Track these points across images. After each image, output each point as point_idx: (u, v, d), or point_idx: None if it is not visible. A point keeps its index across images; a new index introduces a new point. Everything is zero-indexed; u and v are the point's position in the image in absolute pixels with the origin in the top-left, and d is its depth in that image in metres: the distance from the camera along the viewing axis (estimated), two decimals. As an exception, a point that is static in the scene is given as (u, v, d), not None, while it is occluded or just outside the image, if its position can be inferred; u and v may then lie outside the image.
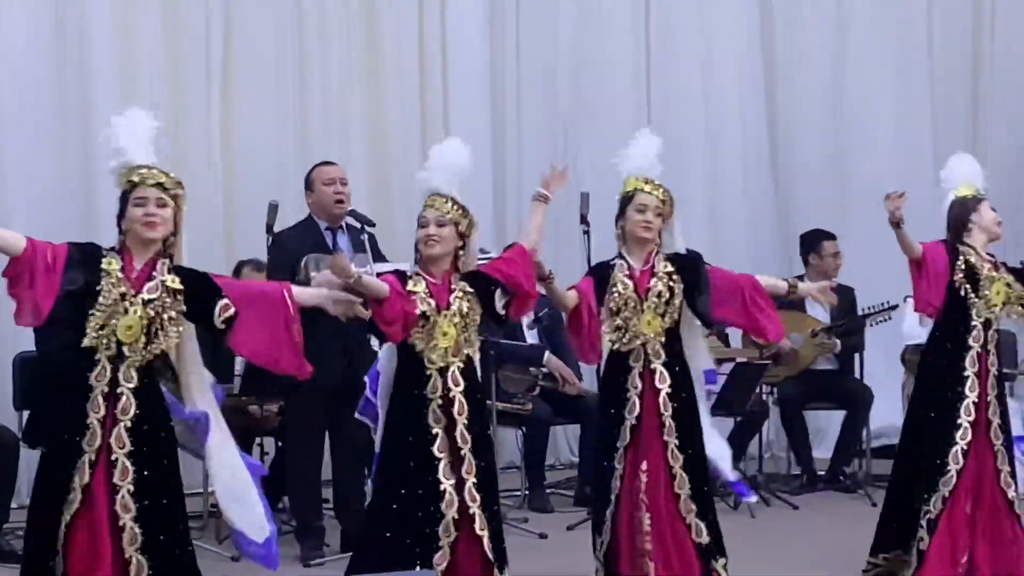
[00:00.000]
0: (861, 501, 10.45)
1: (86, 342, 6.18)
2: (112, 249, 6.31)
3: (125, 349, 6.17)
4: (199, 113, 11.00)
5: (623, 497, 7.40)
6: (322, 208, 8.96)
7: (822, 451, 11.68)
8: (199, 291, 6.27)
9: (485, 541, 6.68)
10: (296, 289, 6.60)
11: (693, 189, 12.04)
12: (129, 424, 6.19)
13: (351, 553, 7.19)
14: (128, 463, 6.16)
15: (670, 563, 7.26)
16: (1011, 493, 7.94)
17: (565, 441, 11.45)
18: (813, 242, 11.39)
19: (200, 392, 6.49)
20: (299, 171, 9.92)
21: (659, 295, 7.33)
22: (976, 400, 7.71)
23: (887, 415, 11.32)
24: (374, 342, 7.69)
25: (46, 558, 6.17)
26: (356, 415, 7.15)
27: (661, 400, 7.33)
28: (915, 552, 7.92)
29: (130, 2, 10.93)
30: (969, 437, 7.81)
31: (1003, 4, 12.97)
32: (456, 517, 6.62)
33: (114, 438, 6.19)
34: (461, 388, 6.77)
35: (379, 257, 8.55)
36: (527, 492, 10.24)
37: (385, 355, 7.03)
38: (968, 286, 7.71)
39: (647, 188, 7.40)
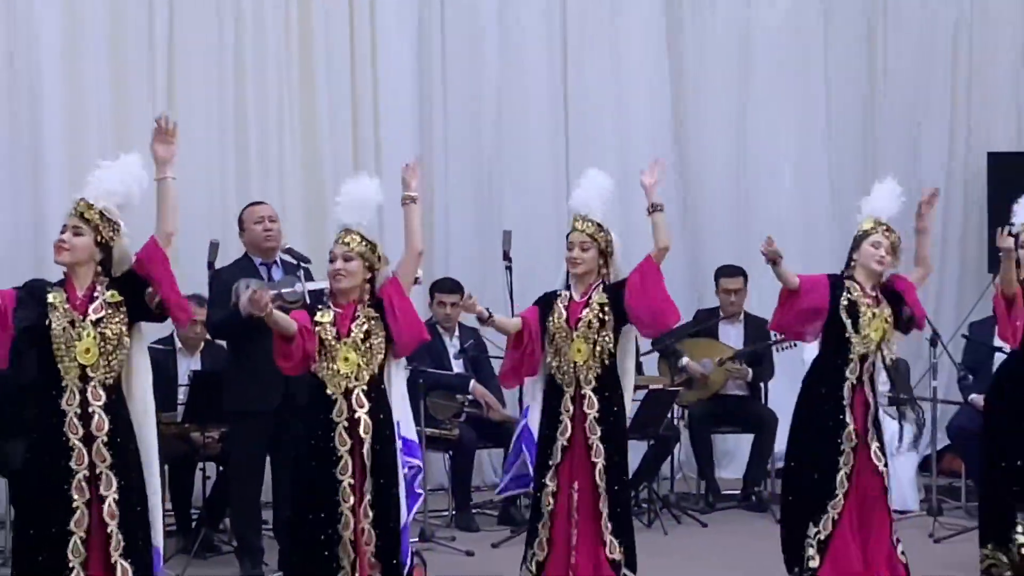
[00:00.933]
0: (768, 519, 10.38)
1: (53, 372, 6.32)
2: (58, 283, 6.46)
3: (88, 371, 6.29)
4: (143, 154, 11.05)
5: (557, 513, 7.54)
6: (254, 245, 9.06)
7: (732, 471, 11.81)
8: (130, 292, 6.37)
9: (369, 554, 6.80)
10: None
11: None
12: (105, 439, 6.31)
13: None
14: (111, 474, 6.31)
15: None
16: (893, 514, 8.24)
17: (489, 464, 11.48)
18: (715, 278, 11.49)
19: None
20: (239, 209, 9.90)
21: (589, 324, 7.49)
22: (855, 428, 7.82)
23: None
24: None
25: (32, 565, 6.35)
26: None
27: (588, 424, 7.50)
28: (807, 571, 8.10)
29: (77, 50, 10.82)
30: (852, 462, 7.93)
31: (893, 48, 12.88)
32: (352, 539, 6.75)
33: (95, 454, 6.31)
34: (366, 409, 6.86)
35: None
36: (454, 512, 10.29)
37: None
38: (849, 321, 7.82)
39: (578, 226, 7.64)
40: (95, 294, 6.44)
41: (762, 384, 11.30)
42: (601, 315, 7.58)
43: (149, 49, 11.08)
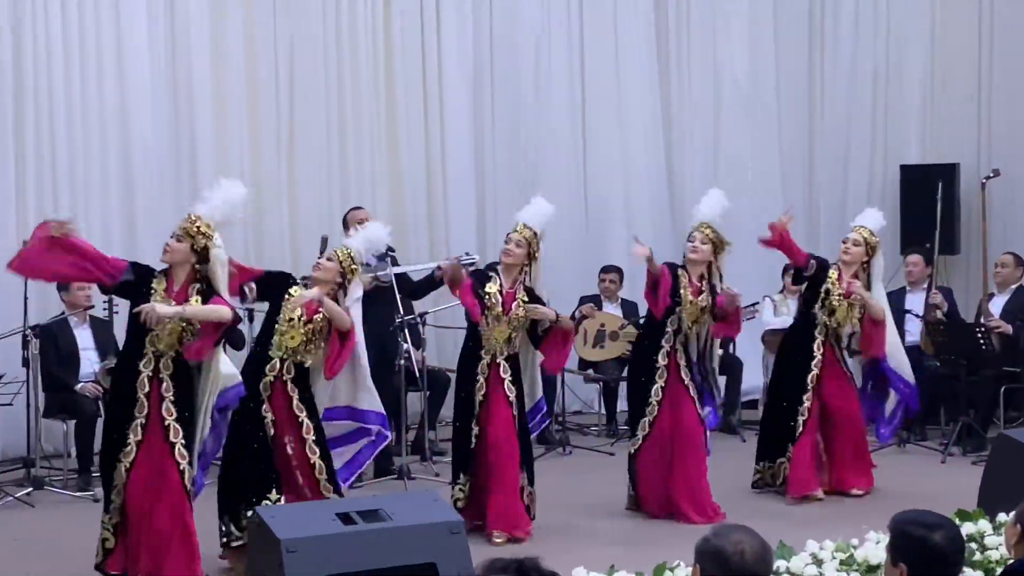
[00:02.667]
0: (735, 439, 10.92)
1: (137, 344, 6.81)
2: (162, 272, 6.87)
3: (163, 347, 6.77)
4: (273, 169, 11.36)
5: (479, 450, 7.91)
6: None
7: None
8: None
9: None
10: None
11: (615, 235, 12.45)
12: (172, 399, 6.77)
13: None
14: (178, 426, 6.77)
15: (504, 486, 7.82)
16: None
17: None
18: None
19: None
20: (342, 212, 10.43)
21: (517, 317, 7.90)
22: (664, 383, 8.25)
23: (752, 379, 11.78)
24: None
25: (111, 488, 6.81)
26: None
27: (505, 386, 7.88)
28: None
29: (223, 80, 11.14)
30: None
31: (829, 86, 13.04)
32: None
33: (164, 410, 6.76)
34: (292, 375, 7.25)
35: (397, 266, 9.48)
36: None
37: None
38: (674, 302, 8.23)
39: (519, 228, 8.00)
40: (187, 294, 6.76)
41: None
42: (523, 311, 7.89)
43: (275, 81, 11.33)
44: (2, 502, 8.96)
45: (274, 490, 7.14)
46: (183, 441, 6.81)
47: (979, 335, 10.23)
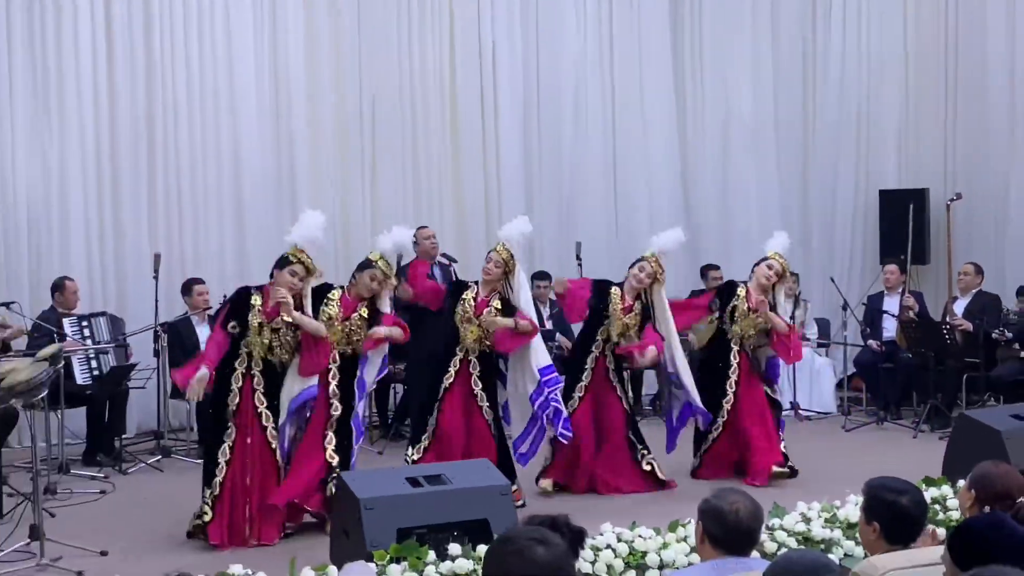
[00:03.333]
0: None
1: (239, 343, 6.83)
2: (258, 288, 6.93)
3: (256, 350, 6.83)
4: (358, 194, 11.37)
5: (440, 424, 7.60)
6: (425, 253, 9.63)
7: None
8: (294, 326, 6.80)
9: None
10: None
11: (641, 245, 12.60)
12: (262, 391, 6.84)
13: None
14: (269, 413, 6.85)
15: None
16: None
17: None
18: (702, 271, 11.68)
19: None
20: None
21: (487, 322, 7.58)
22: (588, 383, 7.98)
23: None
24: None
25: (214, 466, 6.81)
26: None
27: (473, 380, 7.62)
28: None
29: (317, 133, 11.17)
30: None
31: (820, 119, 12.79)
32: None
33: (256, 400, 6.81)
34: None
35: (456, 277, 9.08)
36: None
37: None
38: (606, 316, 7.97)
39: (498, 248, 7.69)
40: (279, 314, 6.76)
41: None
42: (496, 314, 7.61)
43: (360, 120, 11.33)
44: (136, 467, 9.08)
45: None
46: (273, 425, 6.85)
47: (945, 332, 10.23)
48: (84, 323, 9.32)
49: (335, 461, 6.96)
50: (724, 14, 12.87)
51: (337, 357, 7.12)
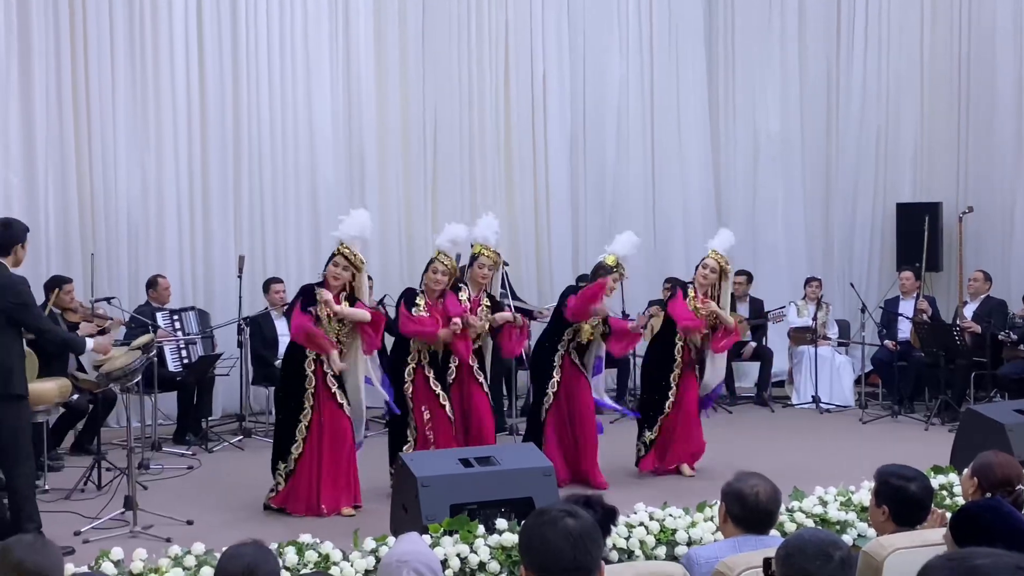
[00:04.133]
0: (765, 411, 10.76)
1: None
2: (319, 284, 6.86)
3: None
4: (420, 202, 11.39)
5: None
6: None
7: (747, 382, 11.86)
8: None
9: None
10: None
11: (676, 254, 12.39)
12: (333, 375, 6.84)
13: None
14: (339, 392, 6.87)
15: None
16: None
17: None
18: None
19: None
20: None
21: (480, 316, 7.34)
22: (560, 380, 7.62)
23: (779, 364, 11.60)
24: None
25: (290, 443, 6.86)
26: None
27: (474, 372, 7.34)
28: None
29: (384, 145, 11.16)
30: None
31: (843, 135, 12.51)
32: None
33: (327, 382, 6.81)
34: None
35: (510, 285, 8.76)
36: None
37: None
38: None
39: (486, 252, 7.45)
40: (339, 301, 6.77)
41: (763, 335, 11.37)
42: (486, 311, 7.40)
43: (423, 134, 11.33)
44: (220, 446, 9.17)
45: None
46: (347, 403, 6.88)
47: (955, 333, 10.11)
48: (175, 316, 9.45)
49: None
50: (755, 40, 12.79)
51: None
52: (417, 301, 7.23)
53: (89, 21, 10.02)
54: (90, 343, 6.35)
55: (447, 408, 7.20)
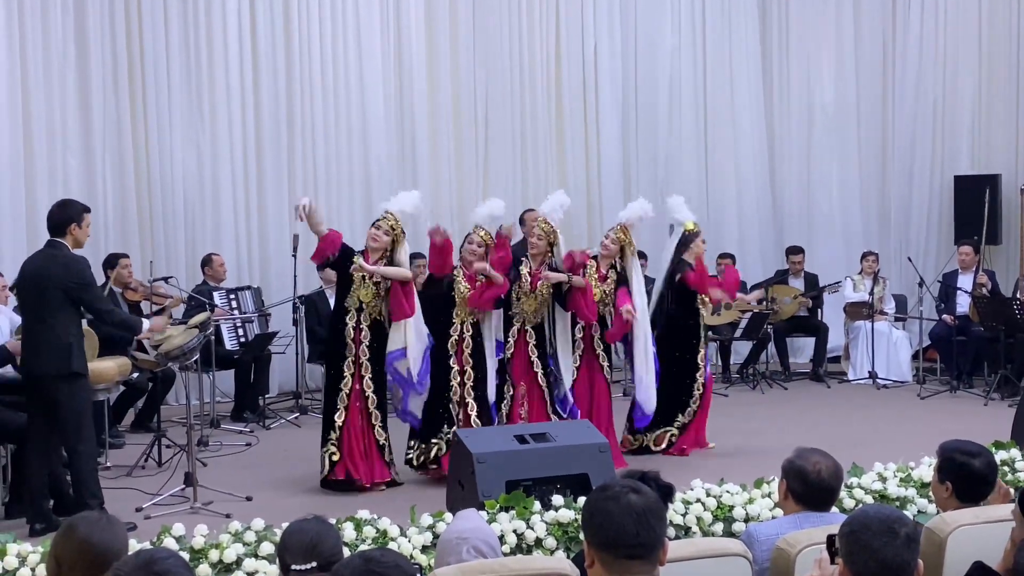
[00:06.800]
0: (823, 386, 10.70)
1: (346, 303, 6.87)
2: (360, 252, 6.92)
3: (364, 304, 6.86)
4: (471, 177, 11.45)
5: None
6: (530, 231, 9.42)
7: (802, 358, 11.84)
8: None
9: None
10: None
11: (729, 229, 12.36)
12: (367, 344, 6.86)
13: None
14: (369, 365, 6.87)
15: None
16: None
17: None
18: (786, 253, 11.49)
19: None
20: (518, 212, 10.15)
21: (541, 291, 7.30)
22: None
23: (835, 339, 11.46)
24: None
25: (333, 412, 6.87)
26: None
27: (530, 349, 7.32)
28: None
29: (436, 124, 11.19)
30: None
31: (898, 108, 12.38)
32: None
33: (361, 352, 6.85)
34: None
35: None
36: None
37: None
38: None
39: (541, 223, 7.45)
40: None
41: (819, 308, 11.35)
42: (547, 287, 7.31)
43: (474, 113, 11.38)
44: (278, 423, 9.26)
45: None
46: (373, 375, 6.88)
47: (1015, 307, 9.92)
48: (232, 295, 9.53)
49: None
50: (809, 8, 12.62)
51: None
52: (455, 275, 7.21)
53: (144, 3, 10.14)
54: (146, 323, 6.41)
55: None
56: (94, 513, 3.11)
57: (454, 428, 6.94)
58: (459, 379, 7.16)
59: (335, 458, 6.88)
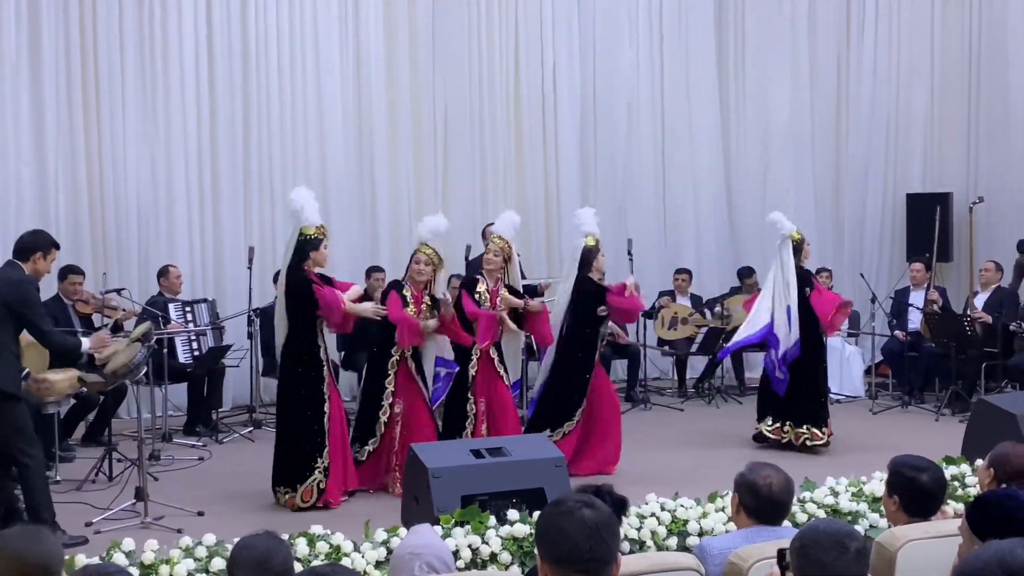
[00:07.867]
0: None
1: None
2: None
3: None
4: (431, 193, 11.28)
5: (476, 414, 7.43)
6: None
7: (757, 372, 11.08)
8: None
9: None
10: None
11: (687, 244, 12.34)
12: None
13: None
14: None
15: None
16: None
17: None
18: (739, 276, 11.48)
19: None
20: (482, 226, 10.19)
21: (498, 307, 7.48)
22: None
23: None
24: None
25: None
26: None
27: (495, 365, 7.50)
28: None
29: (395, 139, 11.08)
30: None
31: (854, 125, 12.46)
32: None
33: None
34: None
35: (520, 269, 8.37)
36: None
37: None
38: None
39: (496, 240, 7.54)
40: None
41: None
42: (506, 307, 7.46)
43: (433, 128, 11.26)
44: (231, 437, 9.18)
45: None
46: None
47: (966, 324, 10.06)
48: (187, 308, 9.44)
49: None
50: (765, 28, 12.66)
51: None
52: (404, 292, 7.31)
53: (99, 13, 10.05)
54: (86, 343, 6.26)
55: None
56: (28, 527, 3.04)
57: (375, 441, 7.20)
58: (391, 400, 7.30)
59: (322, 486, 6.88)
